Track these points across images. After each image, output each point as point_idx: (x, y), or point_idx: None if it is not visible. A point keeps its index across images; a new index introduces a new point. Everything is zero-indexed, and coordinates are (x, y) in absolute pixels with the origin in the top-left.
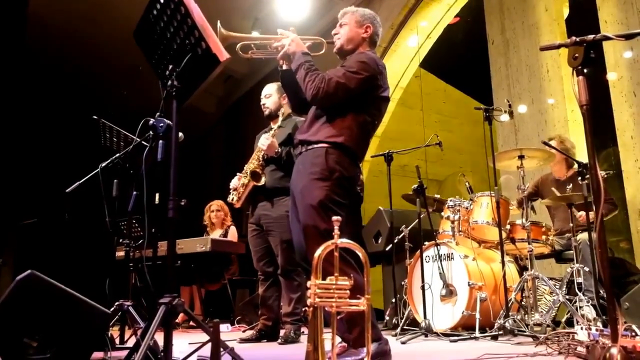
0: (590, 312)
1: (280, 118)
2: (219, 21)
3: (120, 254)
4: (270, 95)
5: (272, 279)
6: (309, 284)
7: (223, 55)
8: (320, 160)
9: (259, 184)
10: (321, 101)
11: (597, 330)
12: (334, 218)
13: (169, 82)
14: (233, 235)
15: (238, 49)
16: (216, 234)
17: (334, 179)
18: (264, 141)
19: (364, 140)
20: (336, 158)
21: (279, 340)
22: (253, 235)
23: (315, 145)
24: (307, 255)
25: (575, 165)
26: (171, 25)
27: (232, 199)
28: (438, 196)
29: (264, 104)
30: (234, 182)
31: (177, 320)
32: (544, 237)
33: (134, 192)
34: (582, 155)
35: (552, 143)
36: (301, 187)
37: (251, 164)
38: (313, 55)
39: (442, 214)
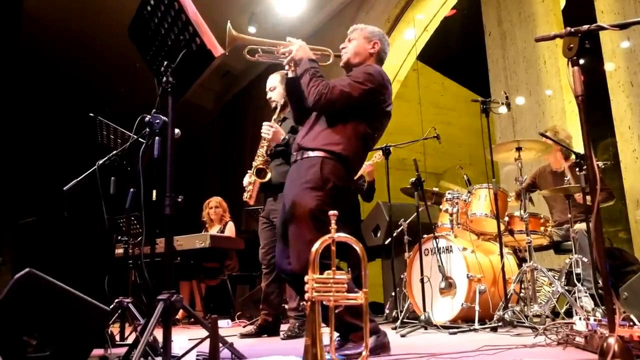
0: (589, 302)
1: (288, 109)
2: (229, 21)
3: (119, 251)
4: (275, 88)
5: (275, 273)
6: (306, 278)
7: (217, 50)
8: (315, 169)
9: (264, 181)
10: (322, 107)
11: (595, 320)
12: (331, 213)
13: (164, 79)
14: (231, 230)
15: (245, 53)
16: (214, 230)
17: (327, 190)
18: (266, 130)
19: (362, 153)
20: (331, 168)
21: (282, 335)
22: (263, 228)
23: (312, 154)
24: (284, 258)
25: (573, 156)
26: (165, 21)
27: (246, 197)
28: (436, 189)
29: (269, 98)
30: (245, 180)
31: (177, 317)
32: (542, 228)
33: (131, 190)
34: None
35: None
36: (292, 194)
37: (256, 161)
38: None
39: (441, 207)
